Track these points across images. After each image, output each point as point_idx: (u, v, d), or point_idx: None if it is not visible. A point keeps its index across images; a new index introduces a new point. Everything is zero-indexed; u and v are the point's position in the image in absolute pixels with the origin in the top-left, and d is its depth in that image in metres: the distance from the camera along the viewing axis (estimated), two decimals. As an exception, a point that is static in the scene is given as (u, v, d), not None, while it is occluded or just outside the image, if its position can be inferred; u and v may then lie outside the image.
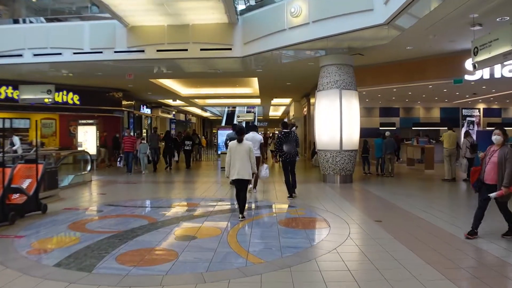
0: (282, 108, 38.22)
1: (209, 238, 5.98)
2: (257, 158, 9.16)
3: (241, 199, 7.31)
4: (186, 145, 18.68)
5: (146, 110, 27.10)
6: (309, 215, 7.77)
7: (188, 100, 27.04)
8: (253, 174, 7.36)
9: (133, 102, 23.77)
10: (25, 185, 7.72)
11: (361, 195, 10.64)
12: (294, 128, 11.00)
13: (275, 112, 43.47)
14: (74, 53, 14.04)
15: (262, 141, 10.57)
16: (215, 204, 8.88)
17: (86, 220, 7.37)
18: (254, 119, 39.07)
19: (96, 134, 17.81)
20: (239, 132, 7.39)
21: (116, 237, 5.98)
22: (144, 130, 27.80)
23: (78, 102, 20.17)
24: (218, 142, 28.06)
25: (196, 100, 28.72)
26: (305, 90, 22.63)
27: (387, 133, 14.76)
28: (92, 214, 7.97)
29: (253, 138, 10.01)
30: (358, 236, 6.15)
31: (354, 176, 13.06)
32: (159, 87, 20.89)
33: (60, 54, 14.10)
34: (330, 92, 12.32)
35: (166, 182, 13.41)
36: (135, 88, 21.17)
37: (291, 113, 31.04)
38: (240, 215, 7.24)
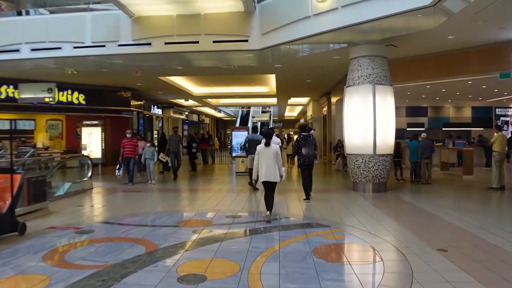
0: (299, 108, 36.51)
1: (224, 280, 4.38)
2: None
3: (269, 201, 7.42)
4: (192, 147, 17.50)
5: (157, 111, 25.66)
6: (350, 239, 6.12)
7: (201, 99, 25.52)
8: (281, 177, 7.37)
9: (142, 102, 22.33)
10: (-2, 200, 6.22)
11: (403, 208, 8.92)
12: (312, 131, 10.79)
13: (290, 113, 41.77)
14: (75, 47, 12.61)
15: (280, 144, 10.39)
16: (230, 221, 7.27)
17: (68, 246, 5.82)
18: (270, 119, 37.44)
19: (102, 135, 16.37)
20: (267, 136, 7.54)
21: (99, 277, 4.41)
22: (155, 132, 26.39)
23: (83, 102, 18.77)
24: (233, 144, 26.52)
25: (209, 99, 27.18)
26: (325, 88, 20.93)
27: (422, 135, 13.01)
28: (80, 235, 6.43)
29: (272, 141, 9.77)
30: (427, 278, 4.42)
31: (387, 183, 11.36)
32: (170, 86, 19.41)
33: (59, 48, 12.68)
34: (361, 88, 10.64)
35: (174, 190, 11.83)
36: (144, 86, 19.71)
37: (309, 113, 29.32)
38: (268, 212, 7.37)
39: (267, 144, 7.35)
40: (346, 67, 15.02)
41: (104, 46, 12.46)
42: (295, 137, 34.21)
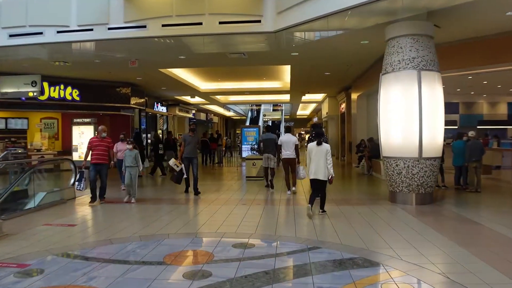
0: (312, 106, 34.24)
1: None
2: (292, 160, 10.03)
3: (320, 197, 7.56)
4: (159, 149, 15.37)
5: (161, 108, 23.62)
6: (423, 292, 3.97)
7: (208, 96, 23.47)
8: (330, 177, 7.38)
9: (144, 99, 20.27)
10: None
11: (468, 229, 6.59)
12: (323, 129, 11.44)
13: (302, 111, 39.50)
14: (58, 32, 10.61)
15: (297, 143, 10.32)
16: (239, 253, 5.12)
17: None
18: (282, 117, 35.28)
19: (95, 134, 14.33)
20: (318, 136, 7.72)
21: None
22: (159, 131, 24.37)
23: (77, 98, 16.77)
24: (243, 144, 24.40)
25: (218, 96, 25.12)
26: (345, 83, 18.72)
27: (471, 133, 10.76)
28: (18, 281, 4.33)
29: (288, 139, 10.17)
30: None
31: (433, 193, 9.13)
32: (174, 81, 17.36)
33: (41, 33, 10.69)
34: (403, 75, 8.43)
35: (168, 200, 9.73)
36: (145, 81, 17.67)
37: (324, 111, 27.06)
38: (321, 211, 7.55)
39: (319, 143, 7.47)
40: (375, 55, 12.91)
41: (91, 30, 10.45)
42: (307, 136, 32.11)
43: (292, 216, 7.48)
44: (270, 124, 34.65)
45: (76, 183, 9.23)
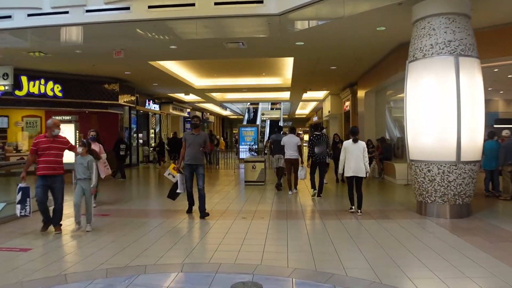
0: (312, 105, 32.71)
1: None
2: (295, 160, 9.93)
3: (358, 197, 7.54)
4: (121, 149, 13.86)
5: (153, 106, 21.99)
6: None
7: (204, 94, 21.87)
8: (366, 173, 7.49)
9: (135, 96, 18.64)
10: None
11: None
12: (323, 130, 11.35)
13: (302, 110, 37.96)
14: (29, 15, 9.05)
15: (300, 143, 10.11)
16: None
17: None
18: (280, 117, 33.75)
19: (76, 135, 12.73)
20: (354, 133, 7.68)
21: None
22: (151, 131, 22.76)
23: (60, 94, 15.15)
24: (240, 144, 22.85)
25: (214, 94, 23.55)
26: (350, 79, 17.21)
27: (505, 132, 9.30)
28: None
29: (291, 140, 9.99)
30: None
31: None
32: (166, 76, 15.80)
33: (9, 17, 9.13)
34: (437, 62, 6.92)
35: (150, 213, 8.19)
36: (135, 76, 16.08)
37: (325, 109, 25.53)
38: (359, 211, 7.43)
39: (355, 141, 7.54)
40: (388, 46, 11.44)
41: (67, 12, 8.88)
42: (305, 136, 30.62)
43: (306, 237, 5.95)
44: (269, 123, 33.15)
45: (18, 206, 6.10)
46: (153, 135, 22.87)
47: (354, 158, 7.40)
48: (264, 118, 33.48)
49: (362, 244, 5.43)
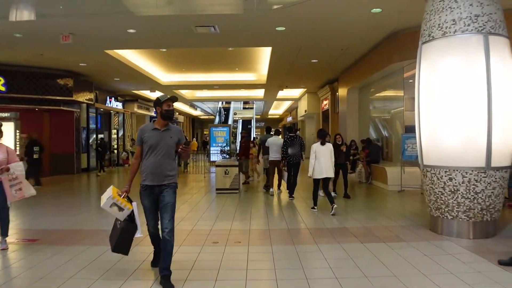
0: (285, 105, 31.25)
1: None
2: (279, 162, 9.69)
3: (325, 192, 7.70)
4: (34, 152, 11.66)
5: (116, 104, 19.91)
6: None
7: (171, 91, 19.97)
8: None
9: (93, 92, 16.55)
10: None
11: None
12: (297, 132, 12.11)
13: (275, 110, 36.46)
14: None
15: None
16: None
17: None
18: (253, 116, 32.14)
19: (15, 135, 10.72)
20: (324, 136, 7.71)
21: None
22: (113, 132, 20.65)
23: (3, 88, 12.99)
24: (211, 146, 21.08)
25: (183, 92, 21.72)
26: (331, 75, 15.77)
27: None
28: None
29: (276, 142, 9.86)
30: None
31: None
32: (128, 69, 13.91)
33: None
34: (460, 41, 5.41)
35: (80, 236, 6.42)
36: (92, 69, 14.07)
37: (301, 108, 24.06)
38: (334, 205, 7.27)
39: (323, 143, 7.59)
40: (380, 33, 10.00)
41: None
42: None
43: (301, 272, 4.30)
44: (241, 124, 31.49)
45: None
46: (115, 135, 20.78)
47: (324, 160, 7.44)
48: (237, 118, 31.78)
49: (379, 283, 3.84)
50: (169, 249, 3.81)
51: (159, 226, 3.99)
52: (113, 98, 19.33)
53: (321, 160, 7.41)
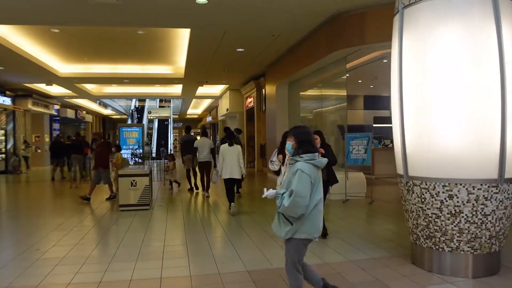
0: (205, 104, 29.04)
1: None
2: (208, 163, 9.51)
3: (231, 195, 7.51)
4: None
5: (3, 100, 16.30)
6: None
7: (73, 85, 16.86)
8: (243, 175, 7.54)
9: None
10: None
11: None
12: (239, 134, 11.35)
13: (194, 110, 34.06)
14: None
15: (213, 146, 9.62)
16: None
17: None
18: (170, 116, 29.51)
19: None
20: (231, 137, 7.83)
21: None
22: (1, 133, 16.98)
23: None
24: (121, 149, 18.19)
25: (88, 86, 18.58)
26: (256, 69, 13.99)
27: None
28: None
29: (204, 143, 9.59)
30: None
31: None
32: (12, 55, 10.94)
33: None
34: (460, 4, 3.83)
35: None
36: (-42, 51, 10.82)
37: (223, 107, 22.06)
38: (232, 203, 7.41)
39: (231, 144, 7.52)
40: (326, 12, 8.29)
41: None
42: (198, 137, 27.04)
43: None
44: (157, 123, 28.71)
45: None
46: (3, 137, 17.12)
47: (230, 161, 7.39)
48: (151, 117, 28.94)
49: None
50: None
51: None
52: (-2, 92, 15.78)
53: (228, 162, 7.37)
